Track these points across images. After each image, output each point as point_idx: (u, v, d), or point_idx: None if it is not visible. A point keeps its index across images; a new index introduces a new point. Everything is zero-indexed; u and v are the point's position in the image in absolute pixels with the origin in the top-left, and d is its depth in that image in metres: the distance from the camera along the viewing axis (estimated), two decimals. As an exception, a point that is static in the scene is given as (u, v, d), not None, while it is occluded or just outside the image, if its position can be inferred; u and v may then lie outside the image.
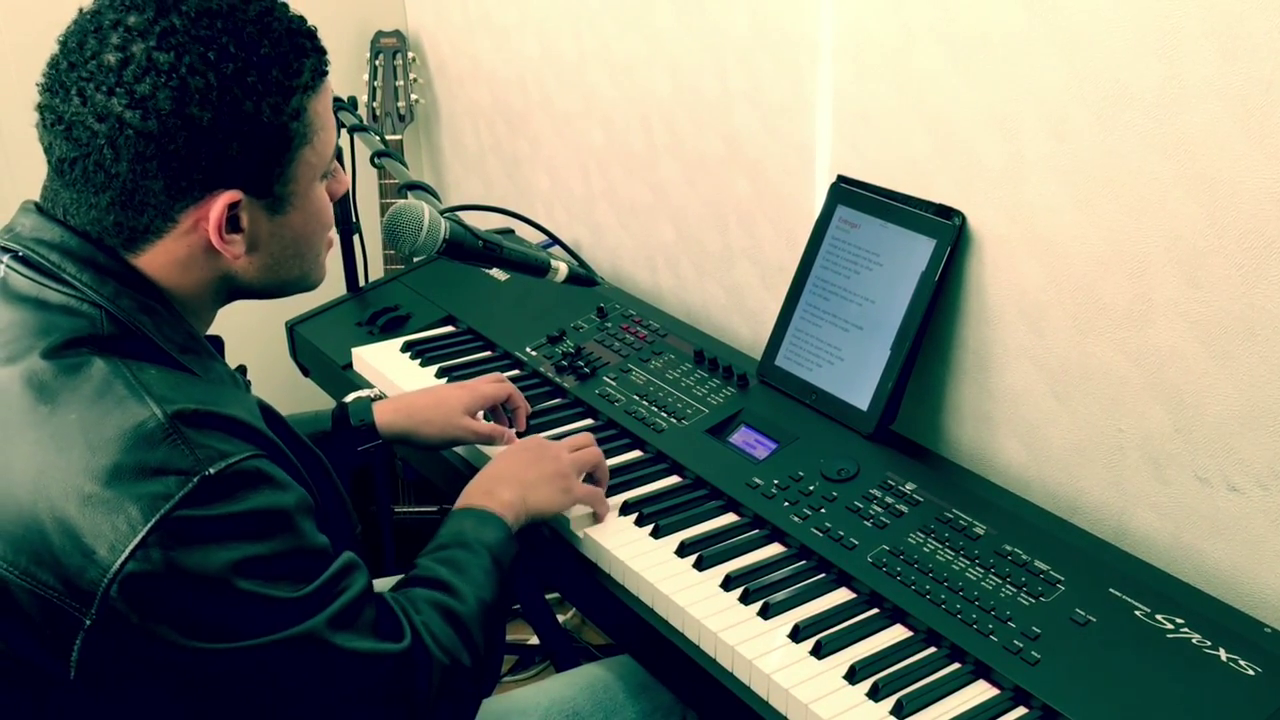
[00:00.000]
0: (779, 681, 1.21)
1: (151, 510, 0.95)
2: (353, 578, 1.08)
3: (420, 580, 1.22)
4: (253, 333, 2.43)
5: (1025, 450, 1.55)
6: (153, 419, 0.98)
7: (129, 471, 0.96)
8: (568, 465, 1.43)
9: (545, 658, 2.47)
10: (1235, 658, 1.18)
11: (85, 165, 1.02)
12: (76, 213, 1.05)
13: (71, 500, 0.96)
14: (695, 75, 1.93)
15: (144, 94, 0.99)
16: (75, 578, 0.95)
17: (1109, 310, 1.40)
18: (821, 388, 1.65)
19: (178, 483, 0.96)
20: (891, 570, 1.35)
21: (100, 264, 1.05)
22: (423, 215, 1.49)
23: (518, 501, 1.34)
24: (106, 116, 1.00)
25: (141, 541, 0.94)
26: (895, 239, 1.60)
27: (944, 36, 1.50)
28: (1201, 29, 1.23)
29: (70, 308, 1.04)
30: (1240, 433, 1.30)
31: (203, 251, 1.08)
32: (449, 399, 1.60)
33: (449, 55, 2.63)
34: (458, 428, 1.58)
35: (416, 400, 1.62)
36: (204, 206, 1.05)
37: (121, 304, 1.05)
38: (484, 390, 1.64)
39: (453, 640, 1.16)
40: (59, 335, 1.02)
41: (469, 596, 1.20)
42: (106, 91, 1.00)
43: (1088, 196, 1.39)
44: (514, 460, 1.42)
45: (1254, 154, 1.21)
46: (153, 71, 0.99)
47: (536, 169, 2.43)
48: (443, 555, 1.25)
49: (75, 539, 0.95)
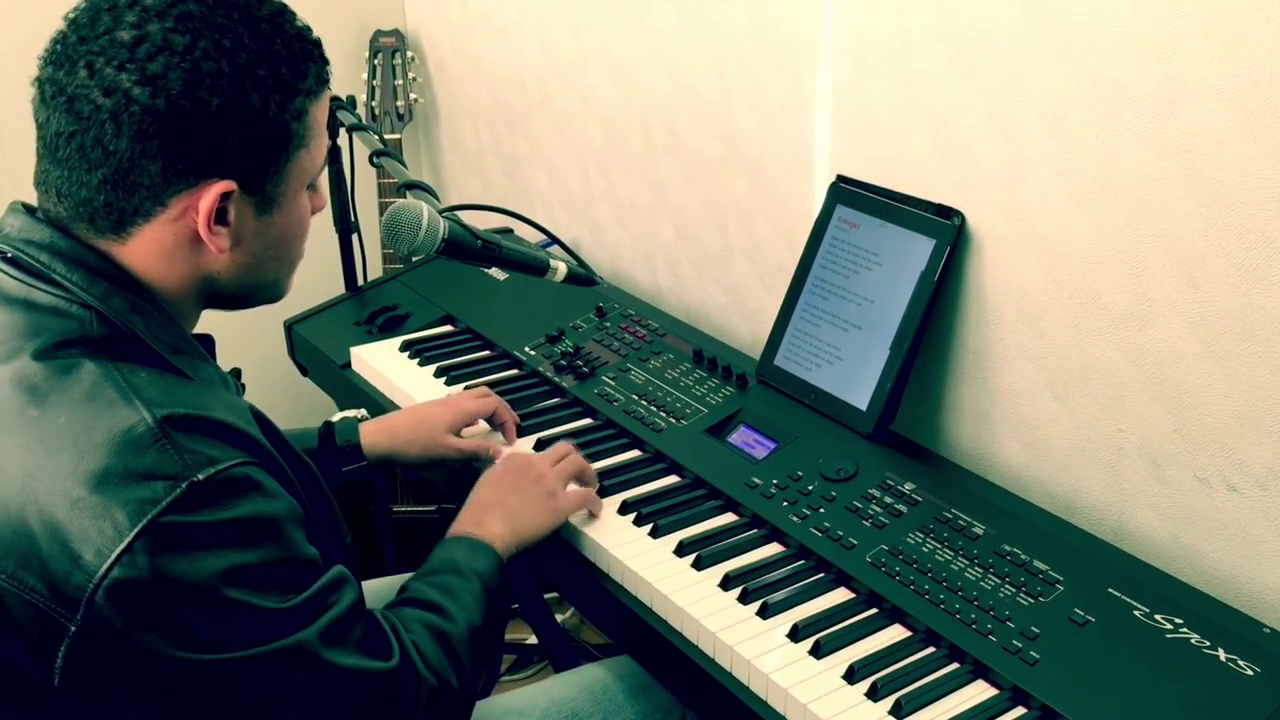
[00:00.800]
0: (778, 681, 1.21)
1: (139, 515, 0.94)
2: (342, 592, 1.07)
3: (412, 602, 1.22)
4: (251, 332, 2.43)
5: (1024, 450, 1.55)
6: (142, 423, 0.97)
7: (117, 476, 0.95)
8: (552, 482, 1.43)
9: (544, 657, 2.47)
10: (1234, 658, 1.18)
11: (83, 140, 1.01)
12: (67, 192, 1.04)
13: (59, 504, 0.95)
14: (695, 75, 1.93)
15: (155, 72, 0.99)
16: (61, 583, 0.94)
17: (1108, 310, 1.40)
18: (820, 387, 1.65)
19: (166, 488, 0.95)
20: (890, 570, 1.35)
21: (90, 264, 1.05)
22: (422, 215, 1.49)
23: (507, 533, 1.34)
24: (114, 91, 0.99)
25: (128, 547, 0.93)
26: (894, 239, 1.60)
27: (943, 36, 1.50)
28: (1201, 28, 1.22)
29: (59, 309, 1.03)
30: (1239, 433, 1.30)
31: (187, 242, 1.07)
32: (431, 418, 1.61)
33: (448, 54, 2.62)
34: (441, 446, 1.59)
35: (400, 420, 1.62)
36: (196, 194, 1.04)
37: (112, 304, 1.04)
38: (467, 407, 1.64)
39: (442, 661, 1.16)
40: (49, 337, 1.02)
41: (459, 619, 1.20)
42: (117, 66, 0.99)
43: (1087, 196, 1.39)
44: (499, 486, 1.41)
45: (1254, 154, 1.21)
46: (166, 51, 0.99)
47: (536, 168, 2.43)
48: (435, 580, 1.25)
49: (62, 543, 0.94)
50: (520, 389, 1.81)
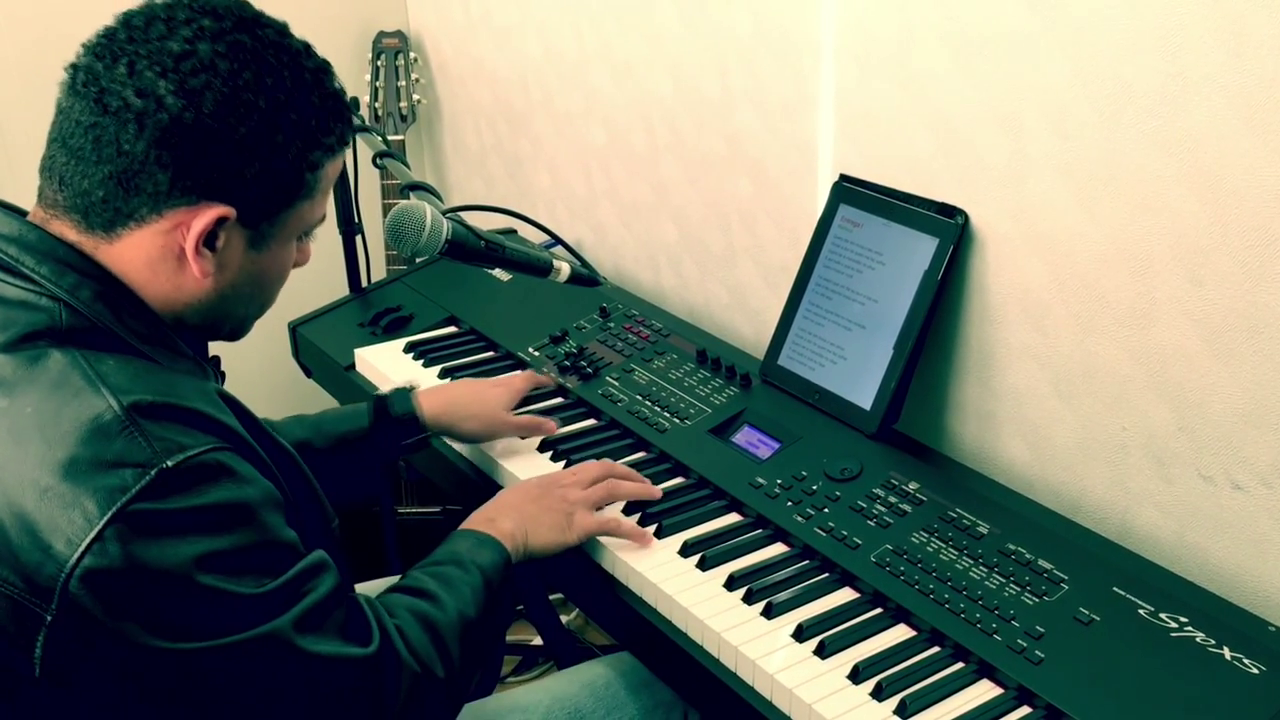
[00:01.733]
0: (782, 681, 1.21)
1: (108, 503, 0.94)
2: (320, 578, 1.07)
3: (404, 589, 1.22)
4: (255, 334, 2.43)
5: (1028, 449, 1.55)
6: (109, 411, 0.97)
7: (85, 464, 0.95)
8: (575, 502, 1.41)
9: (548, 658, 2.47)
10: (1239, 656, 1.18)
11: (101, 133, 1.02)
12: (69, 180, 1.05)
13: (28, 494, 0.95)
14: (697, 74, 1.93)
15: (194, 87, 1.01)
16: (34, 573, 0.94)
17: (1112, 308, 1.40)
18: (824, 387, 1.65)
19: (135, 475, 0.95)
20: (895, 570, 1.35)
21: (59, 256, 1.05)
22: (425, 216, 1.49)
23: (518, 533, 1.34)
24: (147, 94, 1.01)
25: (98, 535, 0.93)
26: (898, 238, 1.60)
27: (946, 35, 1.50)
28: (1204, 26, 1.22)
29: (28, 302, 1.03)
30: (1244, 431, 1.30)
31: (172, 257, 1.07)
32: (489, 395, 1.66)
33: (450, 55, 2.63)
34: (501, 422, 1.63)
35: (459, 392, 1.65)
36: (194, 212, 1.05)
37: (81, 295, 1.04)
38: (518, 385, 1.71)
39: (427, 647, 1.15)
40: (17, 329, 1.02)
41: (450, 607, 1.19)
42: (159, 72, 1.01)
43: (1091, 195, 1.38)
44: (521, 492, 1.41)
45: (1257, 151, 1.21)
46: (210, 71, 1.02)
47: (538, 169, 2.43)
48: (434, 570, 1.25)
49: (33, 534, 0.95)
50: (524, 390, 1.81)
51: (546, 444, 1.65)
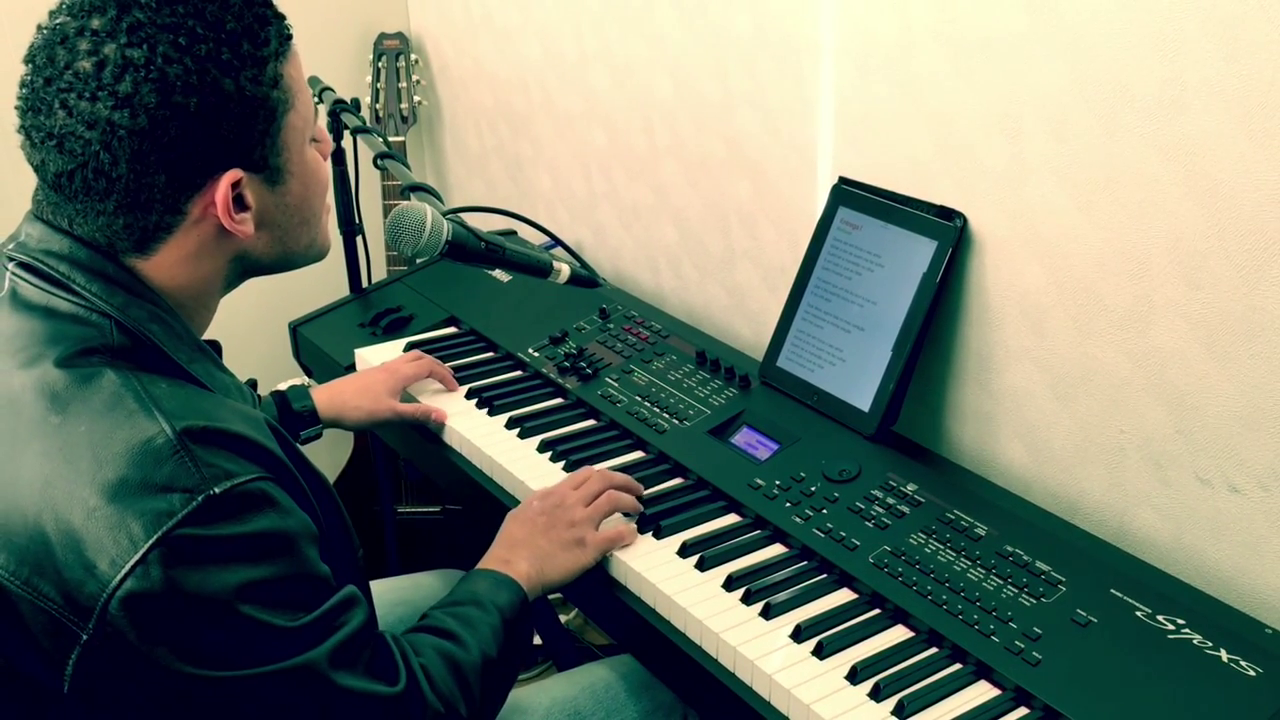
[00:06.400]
0: (781, 682, 1.21)
1: (154, 527, 0.94)
2: (353, 612, 1.07)
3: (428, 629, 1.23)
4: (256, 334, 2.44)
5: (1026, 451, 1.55)
6: (161, 435, 0.97)
7: (134, 487, 0.95)
8: (583, 527, 1.41)
9: (548, 658, 2.48)
10: (1236, 658, 1.18)
11: (85, 175, 1.01)
12: (84, 224, 1.05)
13: (76, 512, 0.95)
14: (697, 77, 1.93)
15: (127, 92, 0.99)
16: (75, 591, 0.94)
17: (1110, 311, 1.40)
18: (823, 389, 1.65)
19: (182, 500, 0.95)
20: (893, 571, 1.35)
21: (110, 275, 1.05)
22: (425, 217, 1.50)
23: (535, 574, 1.34)
24: (96, 123, 0.99)
25: (142, 558, 0.93)
26: (896, 240, 1.60)
27: (945, 38, 1.50)
28: (1202, 30, 1.23)
29: (79, 316, 1.03)
30: (1241, 433, 1.30)
31: (214, 239, 1.08)
32: (374, 384, 1.74)
33: (451, 57, 2.63)
34: (383, 410, 1.72)
35: (346, 387, 1.74)
36: (209, 192, 1.05)
37: (131, 313, 1.05)
38: (404, 371, 1.78)
39: (451, 687, 1.15)
40: (71, 344, 1.02)
41: (473, 648, 1.20)
42: (90, 98, 0.99)
43: (1089, 198, 1.39)
44: (530, 525, 1.41)
45: (1255, 155, 1.21)
46: (130, 68, 0.99)
47: (538, 170, 2.44)
48: (454, 610, 1.25)
49: (78, 552, 0.94)
50: (523, 390, 1.81)
51: (546, 445, 1.65)
